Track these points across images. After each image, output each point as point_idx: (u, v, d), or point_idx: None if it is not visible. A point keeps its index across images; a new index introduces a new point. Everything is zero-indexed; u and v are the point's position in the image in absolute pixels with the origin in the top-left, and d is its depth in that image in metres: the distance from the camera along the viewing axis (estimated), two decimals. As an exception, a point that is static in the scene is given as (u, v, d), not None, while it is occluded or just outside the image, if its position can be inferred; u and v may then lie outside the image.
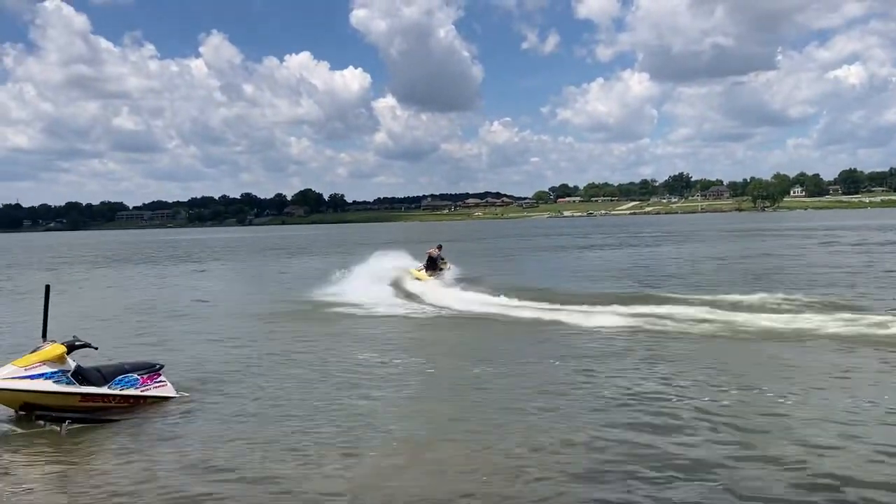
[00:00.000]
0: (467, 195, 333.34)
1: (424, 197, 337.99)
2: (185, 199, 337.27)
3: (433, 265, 28.17)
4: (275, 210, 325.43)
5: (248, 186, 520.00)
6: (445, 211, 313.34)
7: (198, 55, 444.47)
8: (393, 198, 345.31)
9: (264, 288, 29.77)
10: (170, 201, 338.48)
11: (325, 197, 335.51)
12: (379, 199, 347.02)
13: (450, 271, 29.21)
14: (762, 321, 16.17)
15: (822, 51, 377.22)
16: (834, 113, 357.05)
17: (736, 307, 18.48)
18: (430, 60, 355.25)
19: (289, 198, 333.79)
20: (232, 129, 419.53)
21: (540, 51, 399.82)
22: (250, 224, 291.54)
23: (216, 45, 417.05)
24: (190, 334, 17.83)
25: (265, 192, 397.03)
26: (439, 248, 29.22)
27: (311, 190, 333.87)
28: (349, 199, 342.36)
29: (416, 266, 28.27)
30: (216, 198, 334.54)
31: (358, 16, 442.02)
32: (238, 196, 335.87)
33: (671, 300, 20.21)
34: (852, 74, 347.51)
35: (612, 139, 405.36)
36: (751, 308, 18.23)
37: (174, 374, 11.77)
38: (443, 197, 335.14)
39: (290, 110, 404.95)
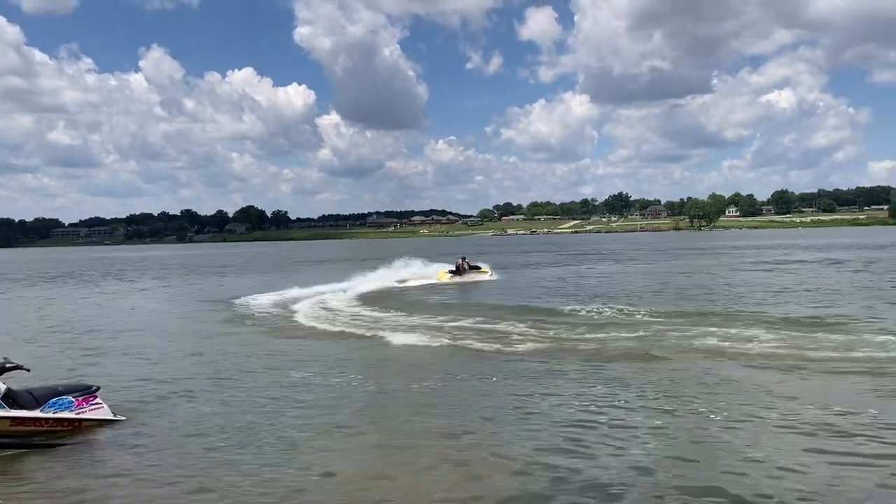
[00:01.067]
0: (413, 213, 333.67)
1: (370, 214, 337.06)
2: (124, 216, 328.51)
3: (458, 271, 37.17)
4: (216, 227, 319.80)
5: (189, 203, 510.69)
6: (391, 228, 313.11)
7: (137, 69, 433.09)
8: (337, 215, 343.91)
9: (198, 307, 29.26)
10: (107, 218, 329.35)
11: (268, 213, 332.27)
12: (323, 216, 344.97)
13: (489, 276, 37.81)
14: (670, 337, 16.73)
15: (754, 76, 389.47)
16: (767, 136, 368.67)
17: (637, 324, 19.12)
18: (375, 78, 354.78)
19: (230, 214, 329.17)
20: (172, 145, 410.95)
21: (484, 71, 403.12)
22: (191, 241, 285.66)
23: (157, 60, 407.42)
24: (126, 354, 17.42)
25: (206, 209, 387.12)
26: (464, 258, 38.83)
27: (253, 206, 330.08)
28: (292, 216, 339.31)
29: (446, 269, 38.14)
30: (155, 214, 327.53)
31: (302, 33, 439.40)
32: (178, 213, 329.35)
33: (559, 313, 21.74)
34: (783, 99, 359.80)
35: (555, 159, 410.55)
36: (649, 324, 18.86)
37: (111, 395, 11.54)
38: (388, 214, 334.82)
39: (233, 126, 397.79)
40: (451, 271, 37.39)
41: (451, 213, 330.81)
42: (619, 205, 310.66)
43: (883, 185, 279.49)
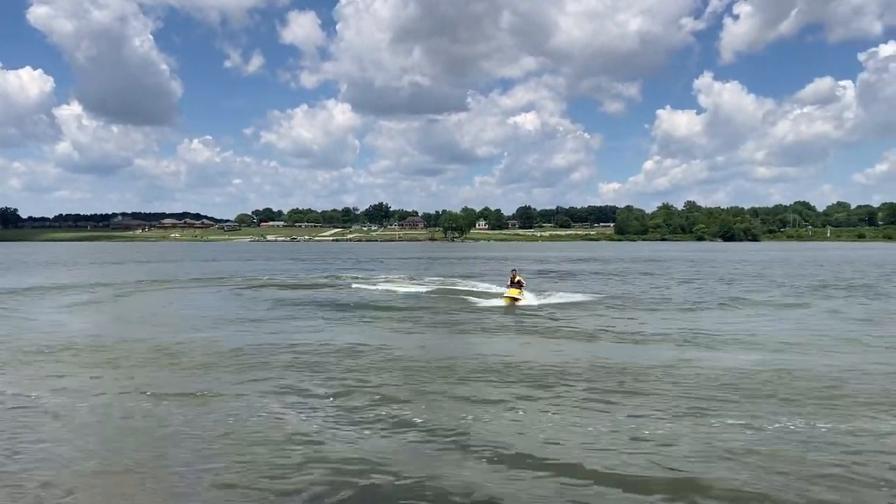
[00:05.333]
0: (164, 215, 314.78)
1: (115, 215, 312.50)
2: None
3: (516, 284, 29.73)
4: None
5: None
6: (138, 231, 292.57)
7: None
8: (77, 215, 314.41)
9: None
10: None
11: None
12: (60, 215, 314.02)
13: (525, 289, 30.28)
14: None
15: (504, 98, 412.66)
16: (513, 155, 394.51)
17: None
18: (123, 70, 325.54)
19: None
20: None
21: (243, 71, 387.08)
22: None
23: None
24: None
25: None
26: (513, 271, 31.09)
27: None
28: (24, 215, 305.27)
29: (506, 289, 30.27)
30: None
31: (37, 13, 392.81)
32: None
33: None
34: (528, 121, 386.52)
35: (316, 166, 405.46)
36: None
37: None
38: (135, 216, 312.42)
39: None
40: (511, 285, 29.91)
41: (206, 217, 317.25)
42: (379, 214, 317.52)
43: (610, 204, 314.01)
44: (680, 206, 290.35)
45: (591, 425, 10.52)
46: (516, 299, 28.39)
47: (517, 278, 29.75)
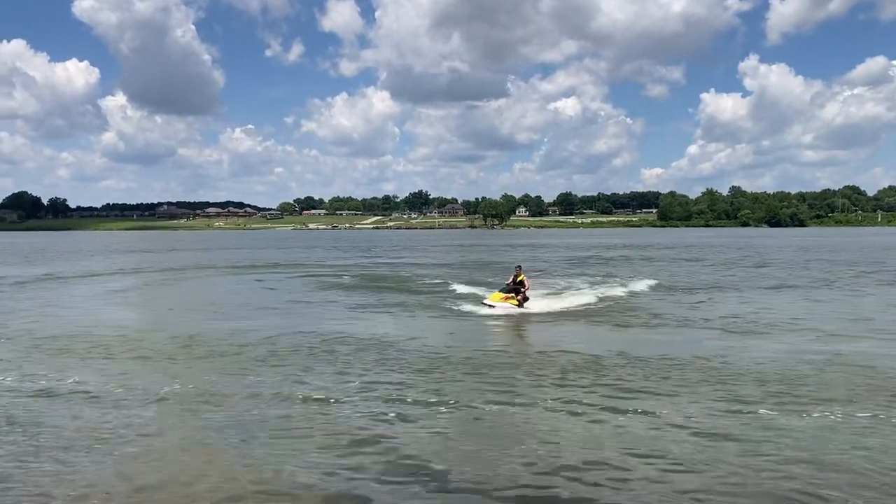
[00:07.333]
0: (208, 204, 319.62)
1: (160, 204, 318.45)
2: None
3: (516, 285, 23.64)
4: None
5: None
6: (183, 220, 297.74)
7: None
8: (124, 204, 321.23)
9: None
10: None
11: (44, 201, 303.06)
12: (108, 204, 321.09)
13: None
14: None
15: (545, 83, 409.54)
16: (554, 141, 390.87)
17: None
18: (167, 60, 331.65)
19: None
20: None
21: (284, 59, 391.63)
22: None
23: None
24: None
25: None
26: (517, 268, 24.29)
27: (26, 193, 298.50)
28: (73, 205, 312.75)
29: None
30: None
31: (82, 6, 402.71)
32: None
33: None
34: (569, 106, 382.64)
35: (357, 154, 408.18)
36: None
37: None
38: (180, 205, 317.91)
39: (1, 103, 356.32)
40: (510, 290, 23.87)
41: (249, 206, 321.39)
42: (419, 202, 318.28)
43: (653, 190, 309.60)
44: (724, 191, 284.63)
45: (628, 420, 10.28)
46: (495, 305, 22.67)
47: (520, 277, 23.61)
